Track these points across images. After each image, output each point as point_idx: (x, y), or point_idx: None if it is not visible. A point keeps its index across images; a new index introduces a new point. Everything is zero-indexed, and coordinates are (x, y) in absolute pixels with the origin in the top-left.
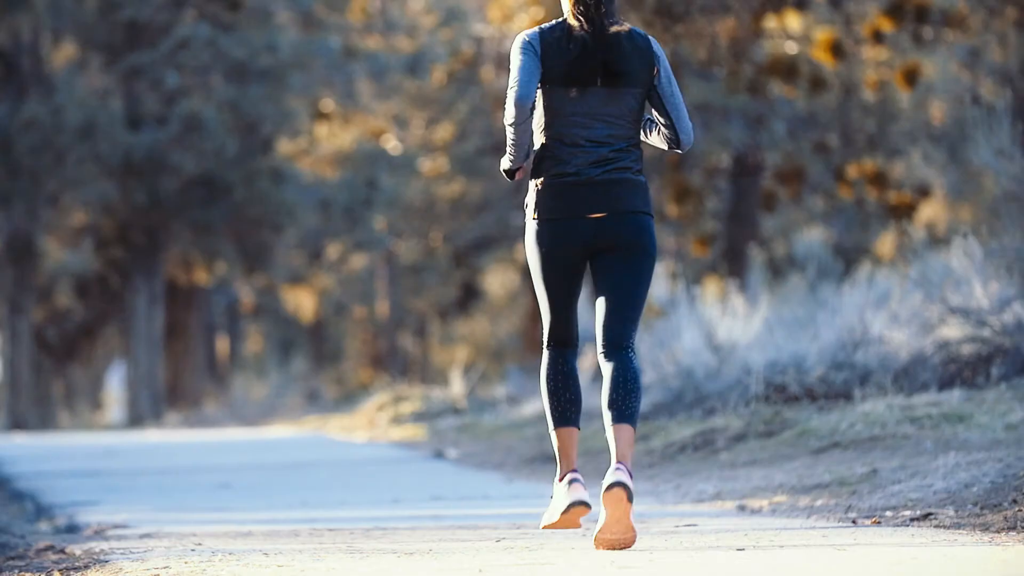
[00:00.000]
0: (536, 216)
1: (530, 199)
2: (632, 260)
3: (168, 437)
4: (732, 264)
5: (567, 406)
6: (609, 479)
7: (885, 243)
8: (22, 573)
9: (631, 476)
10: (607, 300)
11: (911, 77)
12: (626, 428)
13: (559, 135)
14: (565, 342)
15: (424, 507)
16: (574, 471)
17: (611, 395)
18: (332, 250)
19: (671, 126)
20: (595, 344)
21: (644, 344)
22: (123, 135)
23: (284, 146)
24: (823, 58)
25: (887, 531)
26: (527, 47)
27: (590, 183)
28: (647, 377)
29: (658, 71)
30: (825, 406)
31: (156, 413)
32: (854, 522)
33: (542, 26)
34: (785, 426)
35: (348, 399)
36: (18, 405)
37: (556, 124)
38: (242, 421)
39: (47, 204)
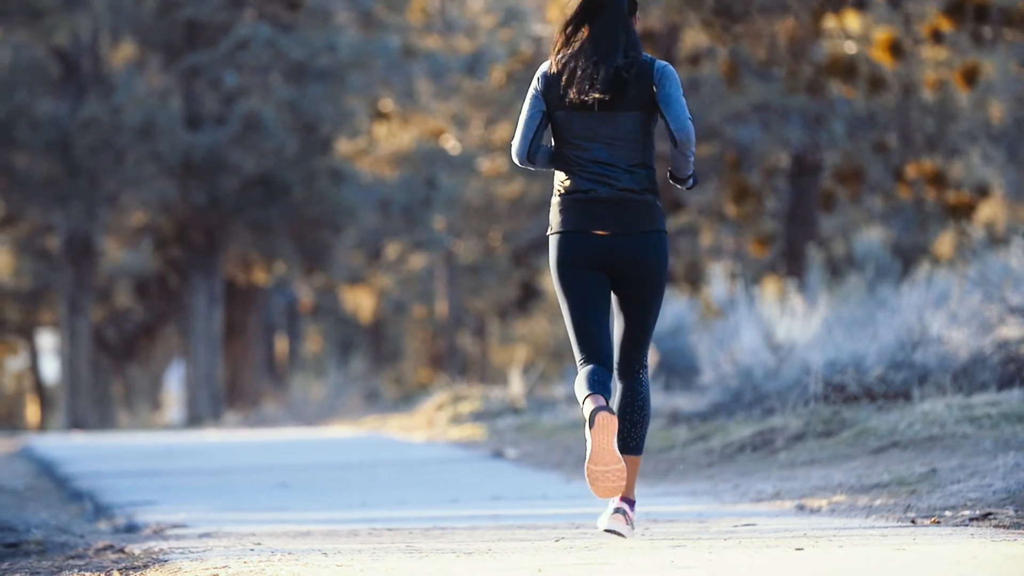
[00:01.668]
0: (553, 230)
1: (550, 215)
2: (640, 282)
3: (227, 437)
4: (791, 264)
5: (597, 385)
6: (603, 524)
7: (944, 243)
8: (82, 572)
9: (632, 507)
10: (621, 322)
11: (970, 77)
12: (631, 459)
13: (566, 157)
14: (595, 361)
15: (483, 507)
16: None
17: (619, 424)
18: (391, 250)
19: (664, 119)
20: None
21: (703, 344)
22: (182, 135)
23: (343, 146)
24: (882, 58)
25: (946, 531)
26: (534, 88)
27: (595, 200)
28: (707, 377)
29: (657, 88)
30: (884, 406)
31: (215, 413)
32: (913, 522)
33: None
34: (844, 426)
35: (407, 399)
36: (77, 405)
37: (562, 147)
38: (301, 421)
39: (106, 204)
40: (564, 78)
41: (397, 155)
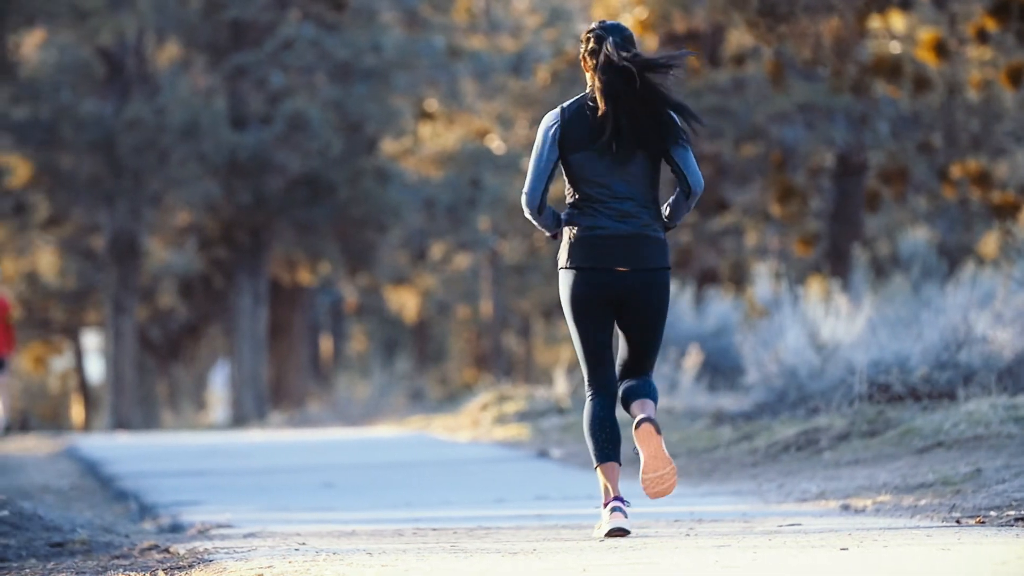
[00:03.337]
0: (568, 265)
1: (563, 250)
2: (650, 313)
3: (272, 437)
4: (835, 264)
5: (605, 444)
6: (638, 417)
7: (989, 243)
8: (127, 572)
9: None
10: (628, 350)
11: (1016, 76)
12: (648, 401)
13: (586, 195)
14: (603, 390)
15: (528, 507)
16: (617, 499)
17: (633, 389)
18: (436, 250)
19: (679, 172)
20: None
21: (748, 344)
22: (227, 135)
23: (388, 146)
24: (927, 58)
25: (991, 531)
26: (547, 133)
27: (616, 237)
28: (751, 376)
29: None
30: (929, 406)
31: (260, 413)
32: (958, 522)
33: (565, 104)
34: (889, 426)
35: (452, 399)
36: (122, 405)
37: (581, 185)
38: (346, 421)
39: (151, 204)
40: (591, 122)
41: (442, 155)
